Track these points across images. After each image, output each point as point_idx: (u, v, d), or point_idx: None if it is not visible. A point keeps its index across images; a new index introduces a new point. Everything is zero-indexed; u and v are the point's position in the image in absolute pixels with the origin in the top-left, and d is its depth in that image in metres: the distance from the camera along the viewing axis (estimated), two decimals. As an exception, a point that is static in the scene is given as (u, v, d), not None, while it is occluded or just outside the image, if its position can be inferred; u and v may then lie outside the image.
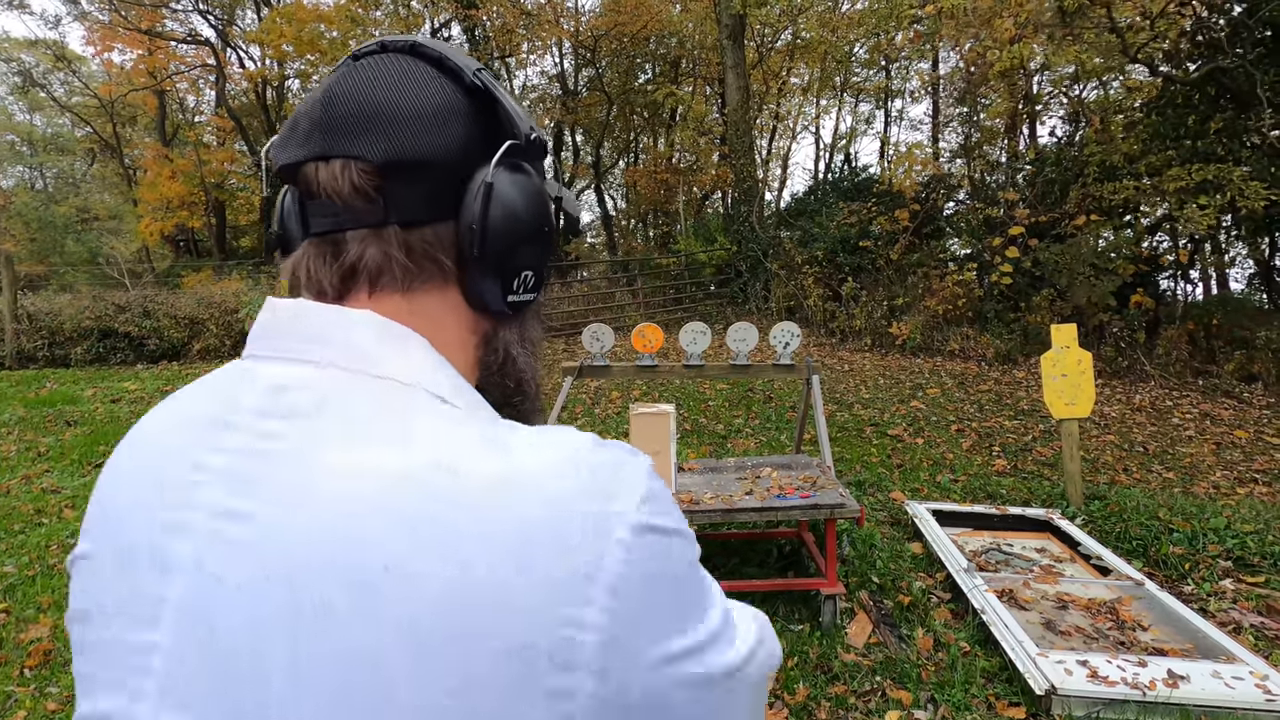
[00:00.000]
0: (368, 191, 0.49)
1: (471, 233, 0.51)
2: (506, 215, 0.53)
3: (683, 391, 7.70)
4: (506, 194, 0.53)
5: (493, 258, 0.53)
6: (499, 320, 0.58)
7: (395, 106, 0.50)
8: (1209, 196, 7.68)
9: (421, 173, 0.50)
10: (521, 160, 0.56)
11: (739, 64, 13.71)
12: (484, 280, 0.53)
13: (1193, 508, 4.08)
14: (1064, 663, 2.47)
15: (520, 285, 0.56)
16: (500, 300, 0.55)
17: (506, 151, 0.54)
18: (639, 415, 3.10)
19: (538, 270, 0.58)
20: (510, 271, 0.54)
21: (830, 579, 2.95)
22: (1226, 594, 3.25)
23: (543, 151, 0.59)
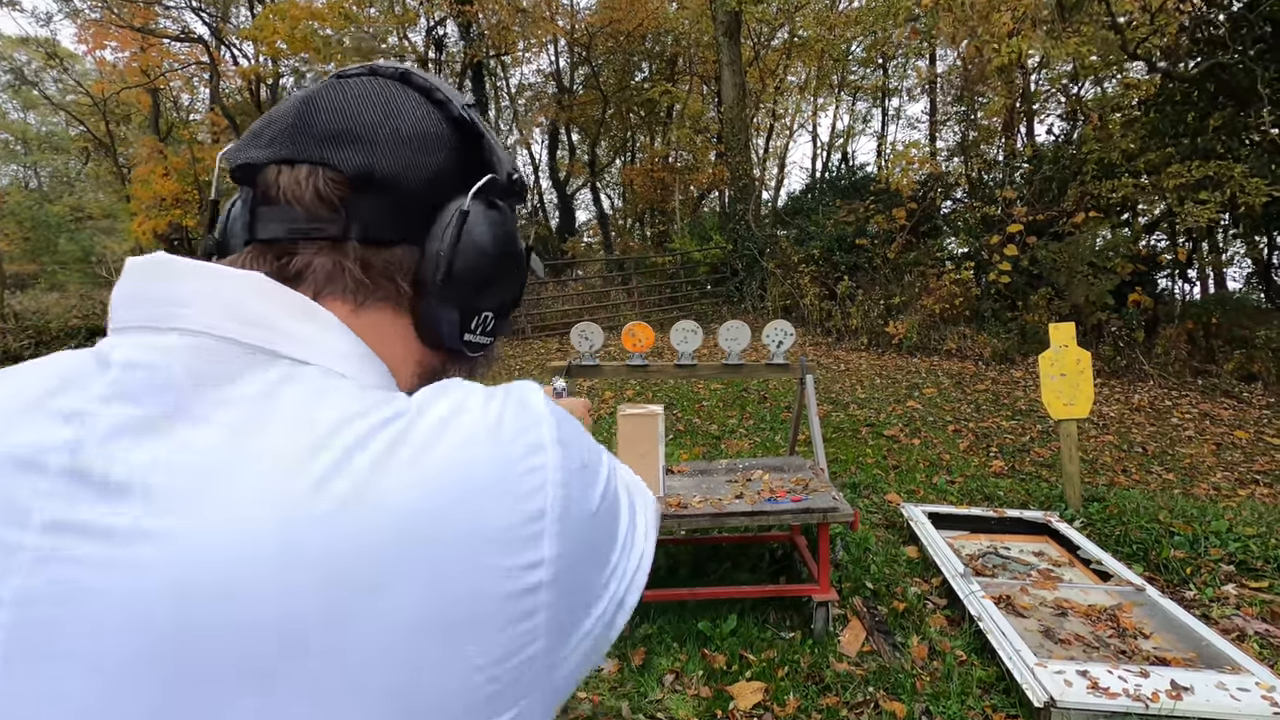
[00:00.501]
0: (332, 201, 0.47)
1: (438, 259, 0.50)
2: (477, 248, 0.52)
3: (676, 391, 7.61)
4: (479, 227, 0.52)
5: (455, 290, 0.51)
6: (450, 358, 0.56)
7: (376, 123, 0.49)
8: (1209, 193, 7.61)
9: (393, 192, 0.49)
10: (499, 199, 0.55)
11: (735, 61, 13.62)
12: (441, 312, 0.52)
13: (1194, 510, 4.00)
14: (1063, 673, 2.39)
15: (479, 326, 0.55)
16: (456, 337, 0.53)
17: (486, 186, 0.53)
18: (626, 416, 3.00)
19: (498, 314, 0.57)
20: (470, 308, 0.53)
21: (823, 585, 2.87)
22: (1229, 600, 3.16)
23: (522, 195, 0.58)
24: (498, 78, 21.60)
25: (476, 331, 0.55)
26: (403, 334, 0.52)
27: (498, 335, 0.59)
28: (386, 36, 18.00)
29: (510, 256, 0.55)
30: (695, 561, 3.53)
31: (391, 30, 17.88)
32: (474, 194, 0.52)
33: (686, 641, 2.85)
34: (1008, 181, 11.34)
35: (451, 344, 0.53)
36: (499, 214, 0.54)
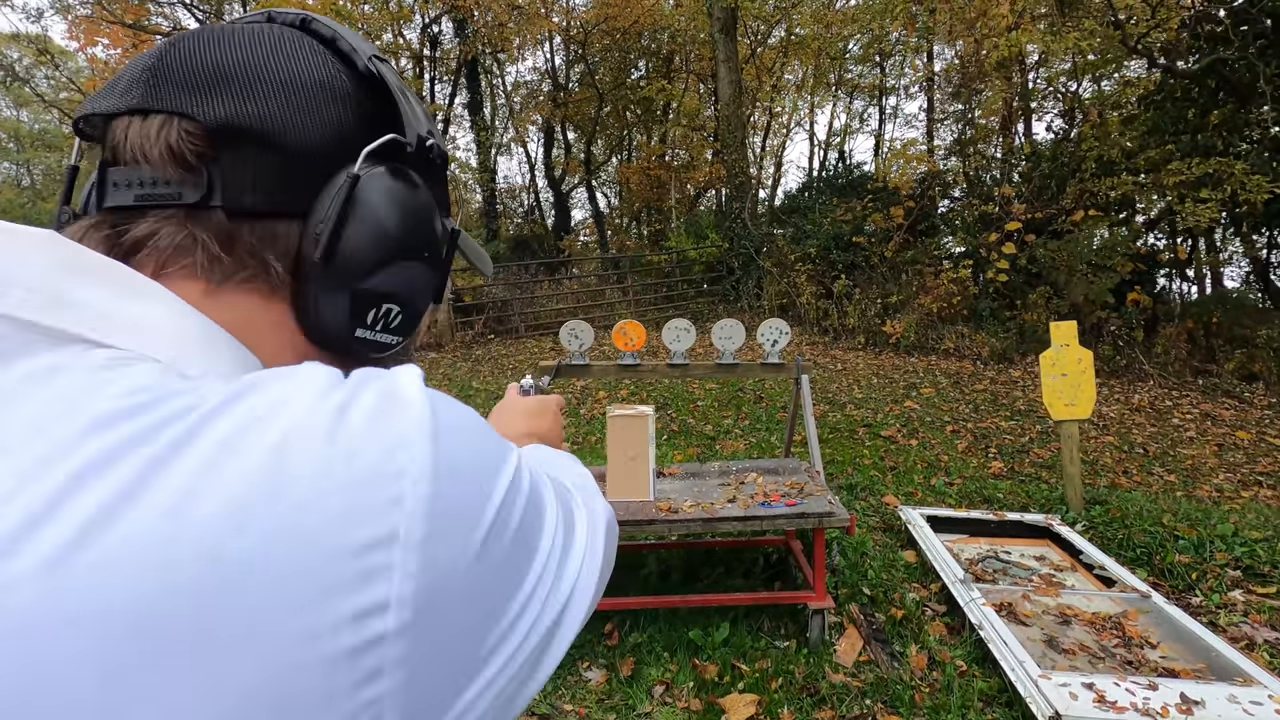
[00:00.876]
0: (185, 158, 0.39)
1: (318, 235, 0.41)
2: (371, 224, 0.43)
3: (671, 391, 7.51)
4: (376, 198, 0.43)
5: (340, 273, 0.42)
6: (343, 360, 0.45)
7: (254, 68, 0.41)
8: (1209, 191, 7.53)
9: (270, 151, 0.40)
10: (407, 167, 0.46)
11: (731, 58, 13.51)
12: (324, 300, 0.43)
13: (1198, 513, 3.91)
14: (1069, 685, 2.29)
15: (378, 320, 0.46)
16: (343, 333, 0.44)
17: (388, 149, 0.45)
18: (616, 417, 2.91)
19: (409, 307, 0.48)
20: (364, 297, 0.44)
21: (818, 592, 2.77)
22: (1237, 606, 3.07)
23: (440, 165, 0.50)
24: (493, 75, 21.49)
25: (375, 328, 0.46)
26: (277, 324, 0.42)
27: (408, 334, 0.50)
28: (381, 33, 17.86)
29: (420, 236, 0.46)
30: (687, 566, 3.43)
31: (386, 27, 17.74)
32: (369, 158, 0.43)
33: (677, 651, 2.75)
34: (1006, 179, 11.26)
35: (338, 341, 0.44)
36: (406, 185, 0.45)
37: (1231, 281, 12.95)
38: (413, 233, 0.45)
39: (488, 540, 0.33)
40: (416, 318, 0.49)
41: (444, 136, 15.64)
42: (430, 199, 0.48)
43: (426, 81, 19.39)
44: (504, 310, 12.98)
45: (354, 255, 0.43)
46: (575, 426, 6.35)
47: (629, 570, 3.39)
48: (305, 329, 0.43)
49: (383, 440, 0.31)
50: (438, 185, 0.51)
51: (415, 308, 0.48)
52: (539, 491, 0.40)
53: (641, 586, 3.24)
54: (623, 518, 2.70)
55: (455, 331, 11.79)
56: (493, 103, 21.77)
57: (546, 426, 0.84)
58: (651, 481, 2.90)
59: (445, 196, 0.54)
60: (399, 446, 0.31)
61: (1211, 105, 8.24)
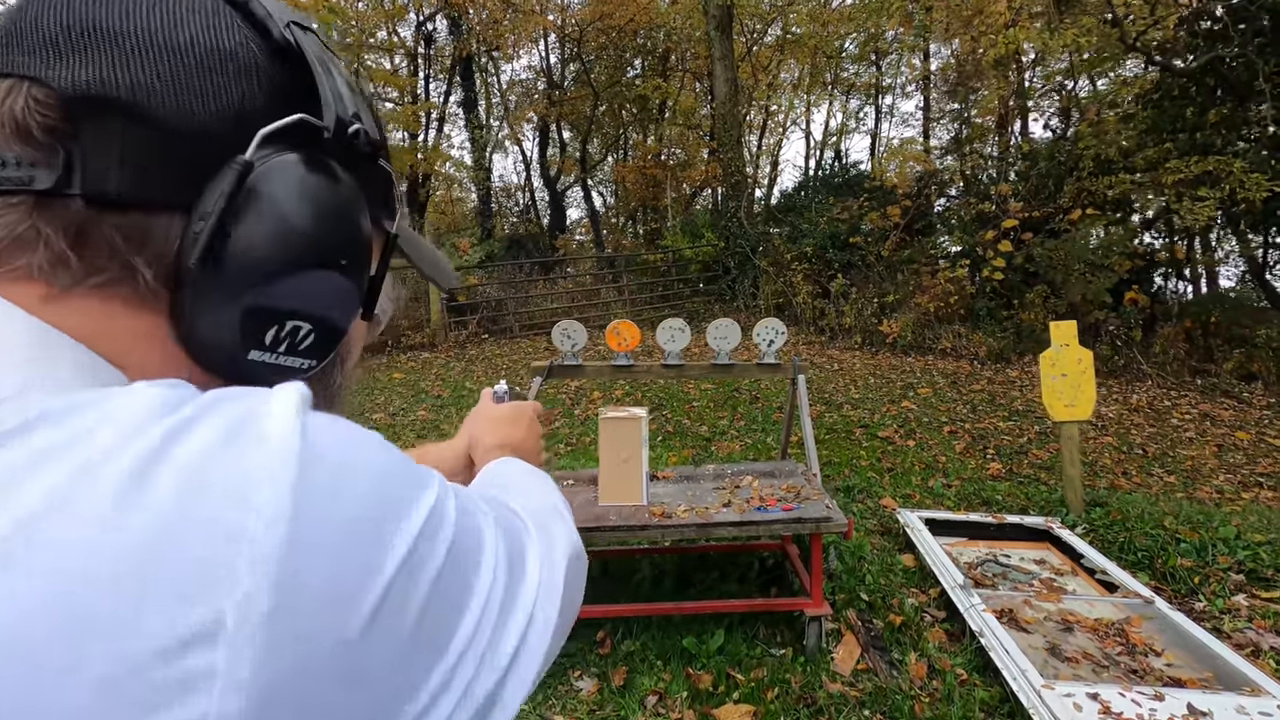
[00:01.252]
0: (33, 132, 0.32)
1: (207, 240, 0.34)
2: (268, 222, 0.35)
3: (666, 392, 7.44)
4: (276, 191, 0.36)
5: (226, 281, 0.35)
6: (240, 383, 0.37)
7: (135, 28, 0.33)
8: (1208, 189, 7.48)
9: (143, 127, 0.33)
10: (325, 156, 0.39)
11: (727, 55, 13.45)
12: (203, 313, 0.35)
13: (1199, 515, 3.85)
14: (1073, 696, 2.22)
15: (280, 341, 0.38)
16: (232, 353, 0.36)
17: (298, 133, 0.37)
18: (608, 419, 2.84)
19: (323, 325, 0.40)
20: (259, 313, 0.36)
21: (815, 599, 2.70)
22: (1241, 612, 3.01)
23: (370, 154, 0.42)
24: (488, 74, 21.37)
25: (277, 350, 0.38)
26: (147, 338, 0.35)
27: (324, 357, 0.42)
28: (375, 31, 17.74)
29: (336, 240, 0.39)
30: (680, 572, 3.35)
31: (380, 24, 17.62)
32: (270, 143, 0.36)
33: (671, 660, 2.68)
34: (1002, 178, 11.22)
35: (225, 364, 0.37)
36: (320, 177, 0.38)
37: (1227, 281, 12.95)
38: (326, 236, 0.38)
39: (380, 610, 0.27)
40: (335, 337, 0.42)
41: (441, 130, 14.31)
42: (354, 195, 0.40)
43: (421, 79, 19.28)
44: (498, 310, 12.89)
45: (244, 260, 0.35)
46: (569, 428, 6.28)
47: (621, 576, 3.32)
48: (188, 347, 0.36)
49: (216, 487, 0.24)
50: (368, 180, 0.43)
51: (332, 325, 0.41)
52: (471, 530, 0.34)
53: (634, 593, 3.17)
54: (615, 522, 2.63)
55: (449, 331, 11.70)
56: (488, 101, 21.68)
57: (520, 435, 0.77)
58: (645, 485, 2.83)
59: (383, 194, 0.46)
60: (240, 495, 0.24)
61: (1210, 103, 8.20)
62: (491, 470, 0.65)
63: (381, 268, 0.47)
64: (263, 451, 0.26)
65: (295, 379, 0.40)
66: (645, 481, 2.84)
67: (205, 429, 0.26)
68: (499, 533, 0.37)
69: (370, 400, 7.66)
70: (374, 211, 0.45)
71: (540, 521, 0.45)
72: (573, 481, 3.11)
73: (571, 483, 3.10)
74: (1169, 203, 8.06)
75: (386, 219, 0.47)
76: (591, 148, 22.44)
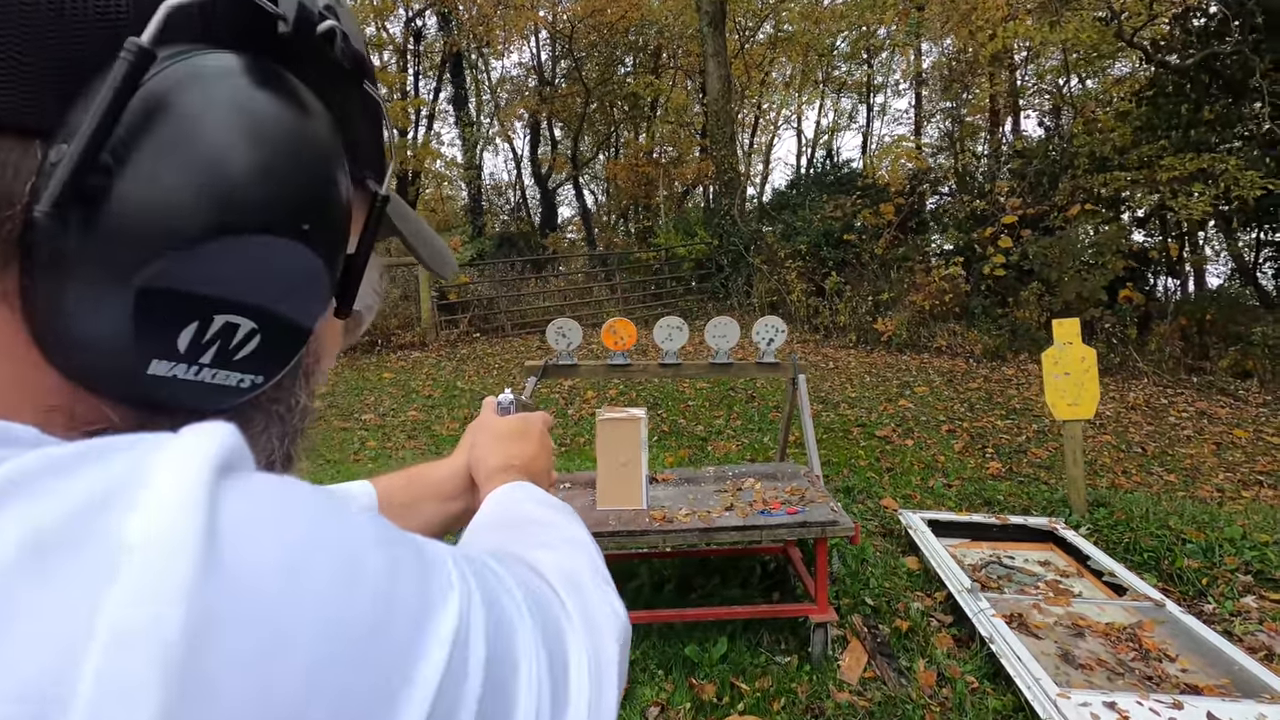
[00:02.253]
0: None
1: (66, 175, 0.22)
2: (185, 150, 0.24)
3: (661, 391, 7.36)
4: (200, 105, 0.24)
5: (100, 247, 0.23)
6: (143, 412, 0.27)
7: None
8: (1203, 186, 7.47)
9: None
10: (282, 64, 0.27)
11: (720, 52, 13.37)
12: (71, 301, 0.23)
13: (1204, 515, 3.81)
14: (1089, 705, 2.16)
15: (202, 345, 0.26)
16: (126, 364, 0.25)
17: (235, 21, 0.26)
18: (606, 420, 2.75)
19: (275, 323, 0.28)
20: (163, 301, 0.24)
21: (821, 604, 2.62)
22: (1251, 614, 2.96)
23: (352, 70, 0.30)
24: (478, 70, 21.21)
25: (199, 359, 0.26)
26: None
27: (274, 371, 0.29)
28: (363, 27, 17.55)
29: (303, 192, 0.27)
30: (681, 577, 3.27)
31: (369, 20, 17.43)
32: (182, 28, 0.24)
33: (673, 669, 2.59)
34: (997, 175, 11.20)
35: (113, 382, 0.25)
36: (275, 94, 0.26)
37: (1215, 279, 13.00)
38: (279, 186, 0.26)
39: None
40: (294, 341, 0.29)
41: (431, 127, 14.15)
42: (326, 131, 0.28)
43: (410, 76, 19.10)
44: (490, 308, 12.76)
45: (136, 214, 0.23)
46: (563, 428, 6.18)
47: (620, 582, 3.22)
48: (53, 356, 0.24)
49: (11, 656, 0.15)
50: (348, 111, 0.31)
51: (287, 323, 0.29)
52: (505, 651, 0.24)
53: (633, 599, 3.08)
54: (615, 528, 2.54)
55: (439, 330, 11.56)
56: (478, 98, 21.50)
57: (531, 453, 0.65)
58: (644, 489, 2.74)
59: (369, 138, 0.34)
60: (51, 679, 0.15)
61: (1204, 100, 8.20)
62: (502, 502, 0.54)
63: (365, 244, 0.34)
64: (121, 579, 0.16)
65: (233, 401, 0.28)
66: (645, 485, 2.75)
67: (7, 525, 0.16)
68: (535, 634, 0.27)
69: (359, 400, 7.53)
70: (355, 163, 0.33)
71: (579, 595, 0.34)
72: (569, 485, 3.02)
73: (568, 486, 3.00)
74: (1164, 199, 8.04)
75: (372, 177, 0.35)
76: (583, 145, 22.31)
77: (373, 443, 5.88)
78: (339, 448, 5.78)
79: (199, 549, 0.17)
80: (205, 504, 0.18)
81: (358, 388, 8.16)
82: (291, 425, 0.33)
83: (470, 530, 0.49)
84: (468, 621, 0.23)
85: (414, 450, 5.65)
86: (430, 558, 0.24)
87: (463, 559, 0.26)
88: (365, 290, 0.36)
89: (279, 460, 0.33)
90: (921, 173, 12.05)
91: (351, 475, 3.79)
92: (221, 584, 0.17)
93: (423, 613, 0.22)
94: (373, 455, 5.54)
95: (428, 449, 5.66)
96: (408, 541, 0.24)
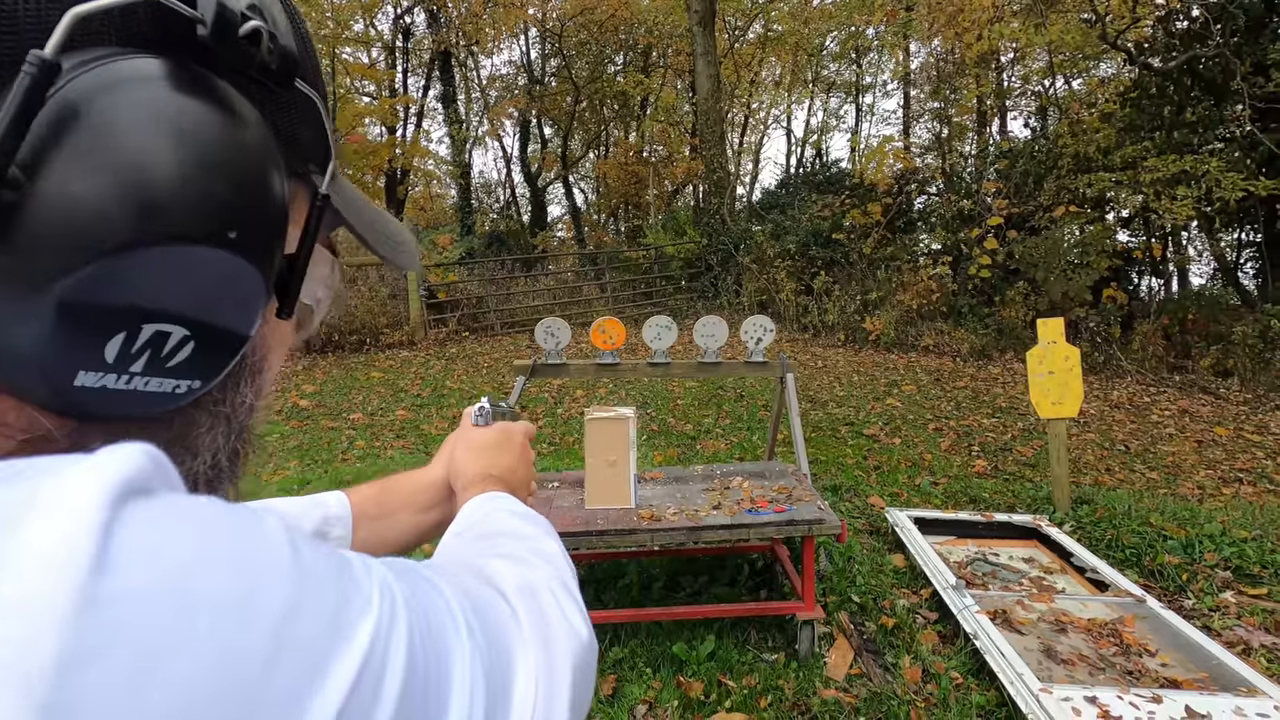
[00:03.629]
0: None
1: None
2: (98, 160, 0.23)
3: (650, 390, 7.37)
4: (112, 113, 0.24)
5: (16, 256, 0.23)
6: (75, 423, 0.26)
7: None
8: (1186, 188, 7.57)
9: None
10: (195, 67, 0.26)
11: (709, 51, 13.39)
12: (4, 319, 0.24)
13: (1185, 512, 3.86)
14: (1071, 700, 2.18)
15: (132, 354, 0.26)
16: (53, 375, 0.25)
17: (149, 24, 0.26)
18: (594, 420, 2.75)
19: (205, 330, 0.27)
20: (86, 312, 0.24)
21: (808, 602, 2.64)
22: (1230, 609, 3.00)
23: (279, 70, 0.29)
24: (467, 68, 21.12)
25: (128, 368, 0.26)
26: None
27: (210, 376, 0.29)
28: (351, 23, 17.44)
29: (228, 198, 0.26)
30: (669, 575, 3.28)
31: (357, 16, 17.33)
32: (90, 35, 0.25)
33: (660, 667, 2.61)
34: (983, 175, 11.29)
35: (43, 392, 0.25)
36: (193, 98, 0.26)
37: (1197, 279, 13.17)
38: (207, 193, 0.26)
39: None
40: (230, 346, 0.29)
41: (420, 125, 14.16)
42: (257, 134, 0.28)
43: (399, 73, 19.00)
44: (479, 307, 12.72)
45: (50, 224, 0.23)
46: (552, 427, 6.18)
47: (609, 581, 3.23)
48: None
49: None
50: (283, 109, 0.31)
51: (221, 330, 0.28)
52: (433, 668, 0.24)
53: (621, 598, 3.09)
54: (603, 527, 2.55)
55: (428, 329, 11.52)
56: (467, 96, 21.42)
57: (509, 463, 0.64)
58: (633, 488, 2.75)
59: (305, 132, 0.34)
60: None
61: (1186, 102, 8.30)
62: (475, 512, 0.53)
63: (305, 243, 0.34)
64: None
65: (171, 406, 0.27)
66: (633, 484, 2.76)
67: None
68: (469, 648, 0.27)
69: (347, 400, 7.49)
70: (294, 160, 0.32)
71: (535, 607, 0.34)
72: (558, 484, 3.02)
73: (556, 485, 3.01)
74: (1148, 200, 8.14)
75: (317, 173, 0.35)
76: (572, 144, 22.30)
77: (361, 442, 5.86)
78: (327, 447, 5.75)
79: (80, 577, 0.17)
80: (96, 529, 0.18)
81: (346, 387, 8.12)
82: (237, 423, 0.33)
83: (442, 540, 0.50)
84: (385, 645, 0.23)
85: (402, 450, 5.63)
86: (351, 578, 0.24)
87: (394, 575, 0.26)
88: (313, 286, 0.36)
89: (225, 458, 0.32)
90: (909, 172, 12.13)
91: (339, 475, 3.78)
92: (100, 614, 0.17)
93: (327, 640, 0.21)
94: (361, 455, 5.52)
95: (416, 448, 5.64)
96: (326, 563, 0.24)
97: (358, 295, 10.97)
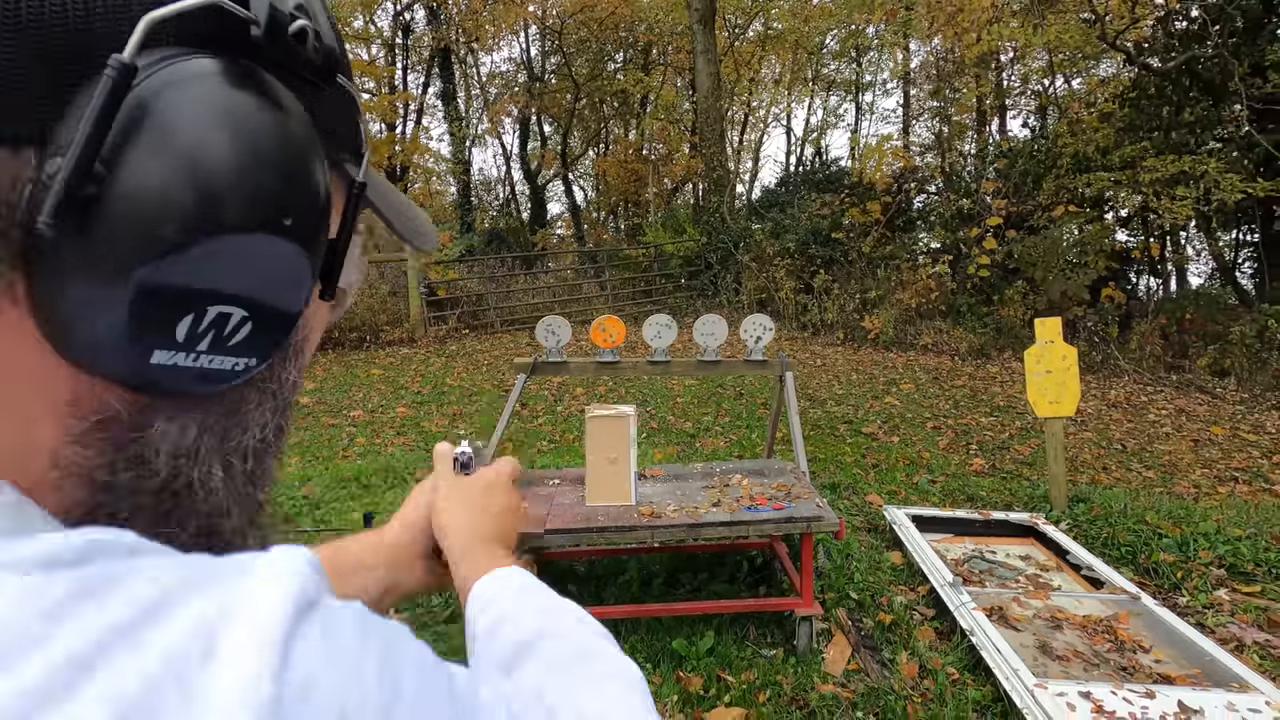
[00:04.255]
0: None
1: (63, 187, 0.23)
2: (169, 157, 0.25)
3: (650, 388, 7.40)
4: (181, 111, 0.26)
5: (98, 249, 0.25)
6: (145, 398, 0.29)
7: None
8: (1185, 188, 7.60)
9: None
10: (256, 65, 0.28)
11: (710, 49, 13.40)
12: (74, 302, 0.25)
13: (1180, 511, 3.89)
14: (1065, 695, 2.21)
15: (202, 335, 0.28)
16: (131, 356, 0.27)
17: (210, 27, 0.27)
18: (595, 418, 2.78)
19: (263, 311, 0.30)
20: (160, 297, 0.26)
21: (806, 599, 2.67)
22: (1224, 606, 3.04)
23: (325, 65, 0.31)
24: (467, 65, 21.12)
25: (196, 347, 0.28)
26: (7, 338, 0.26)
27: (267, 354, 0.32)
28: (351, 20, 17.43)
29: (284, 189, 0.29)
30: (669, 572, 3.31)
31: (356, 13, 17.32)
32: (161, 38, 0.26)
33: (660, 662, 2.63)
34: (983, 174, 11.32)
35: (121, 371, 0.27)
36: (252, 95, 0.28)
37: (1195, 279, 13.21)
38: (260, 185, 0.28)
39: None
40: (284, 325, 0.32)
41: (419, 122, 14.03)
42: (302, 126, 0.30)
43: (399, 70, 18.99)
44: (479, 304, 12.74)
45: (129, 218, 0.25)
46: (552, 425, 6.20)
47: (610, 577, 3.26)
48: (59, 345, 0.26)
49: None
50: (323, 104, 0.33)
51: (278, 310, 0.31)
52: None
53: (623, 595, 3.12)
54: (603, 524, 2.57)
55: (428, 326, 11.54)
56: (467, 93, 21.42)
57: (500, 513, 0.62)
58: (633, 485, 2.77)
59: (345, 126, 0.36)
60: None
61: (1185, 103, 8.32)
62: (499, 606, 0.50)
63: (345, 228, 0.36)
64: None
65: (230, 383, 0.30)
66: (634, 481, 2.79)
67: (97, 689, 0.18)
68: None
69: (348, 397, 7.51)
70: (332, 151, 0.35)
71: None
72: (558, 481, 3.05)
73: (557, 482, 3.03)
74: (1147, 200, 8.17)
75: (351, 162, 0.37)
76: (572, 141, 22.30)
77: (361, 439, 5.88)
78: (327, 444, 5.78)
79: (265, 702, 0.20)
80: (279, 650, 0.21)
81: (346, 384, 8.14)
82: (282, 399, 0.36)
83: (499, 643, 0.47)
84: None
85: (402, 447, 5.65)
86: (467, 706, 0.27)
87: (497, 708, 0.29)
88: (349, 268, 0.38)
89: (272, 432, 0.35)
90: (909, 171, 12.16)
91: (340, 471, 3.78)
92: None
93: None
94: (361, 452, 5.54)
95: (416, 445, 5.67)
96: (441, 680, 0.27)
97: (358, 292, 10.98)
